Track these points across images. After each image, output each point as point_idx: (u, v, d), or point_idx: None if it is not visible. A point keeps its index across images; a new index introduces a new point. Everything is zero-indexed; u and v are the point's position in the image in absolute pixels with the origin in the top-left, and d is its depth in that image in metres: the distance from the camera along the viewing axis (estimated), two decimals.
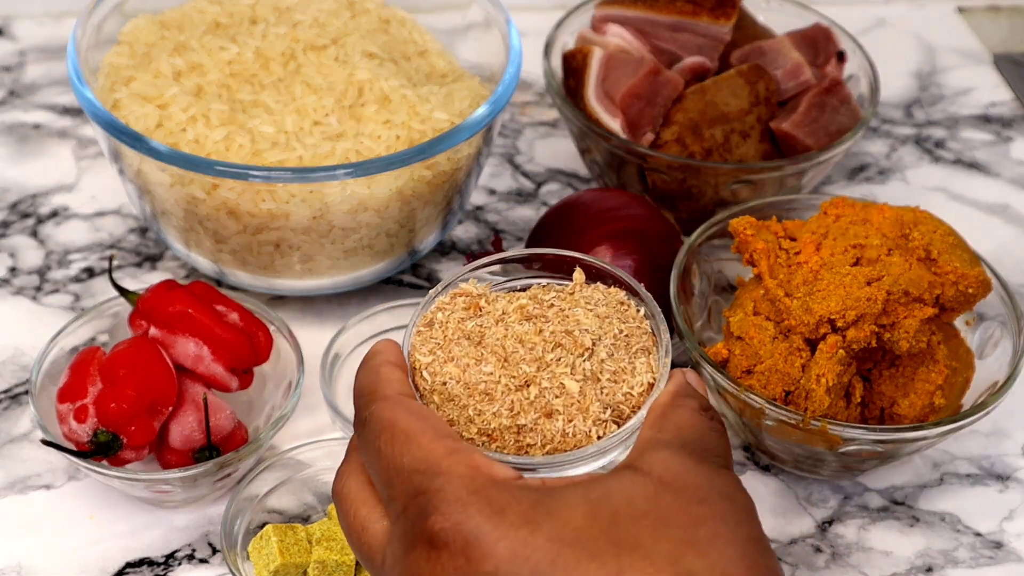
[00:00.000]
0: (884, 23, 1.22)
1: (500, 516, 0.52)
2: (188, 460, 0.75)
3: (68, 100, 1.06)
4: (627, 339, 0.61)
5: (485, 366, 0.59)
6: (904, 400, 0.76)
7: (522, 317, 0.61)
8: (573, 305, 0.61)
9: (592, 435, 0.58)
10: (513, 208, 0.99)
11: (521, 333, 0.60)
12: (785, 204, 0.85)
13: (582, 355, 0.60)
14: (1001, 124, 1.11)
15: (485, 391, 0.59)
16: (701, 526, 0.52)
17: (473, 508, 0.52)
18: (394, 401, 0.57)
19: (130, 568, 0.75)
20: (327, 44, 0.89)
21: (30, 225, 0.95)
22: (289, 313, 0.89)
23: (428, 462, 0.54)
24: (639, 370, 0.60)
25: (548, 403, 0.58)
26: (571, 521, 0.52)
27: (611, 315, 0.61)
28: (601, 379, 0.59)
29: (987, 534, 0.79)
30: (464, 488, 0.53)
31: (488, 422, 0.58)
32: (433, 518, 0.53)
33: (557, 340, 0.60)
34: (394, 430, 0.56)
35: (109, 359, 0.75)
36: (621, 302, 0.62)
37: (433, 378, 0.59)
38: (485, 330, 0.61)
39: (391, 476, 0.55)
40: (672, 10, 0.96)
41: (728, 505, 0.54)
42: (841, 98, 0.94)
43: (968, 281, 0.76)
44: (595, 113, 0.92)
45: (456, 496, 0.53)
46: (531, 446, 0.58)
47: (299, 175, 0.78)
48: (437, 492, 0.53)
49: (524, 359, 0.59)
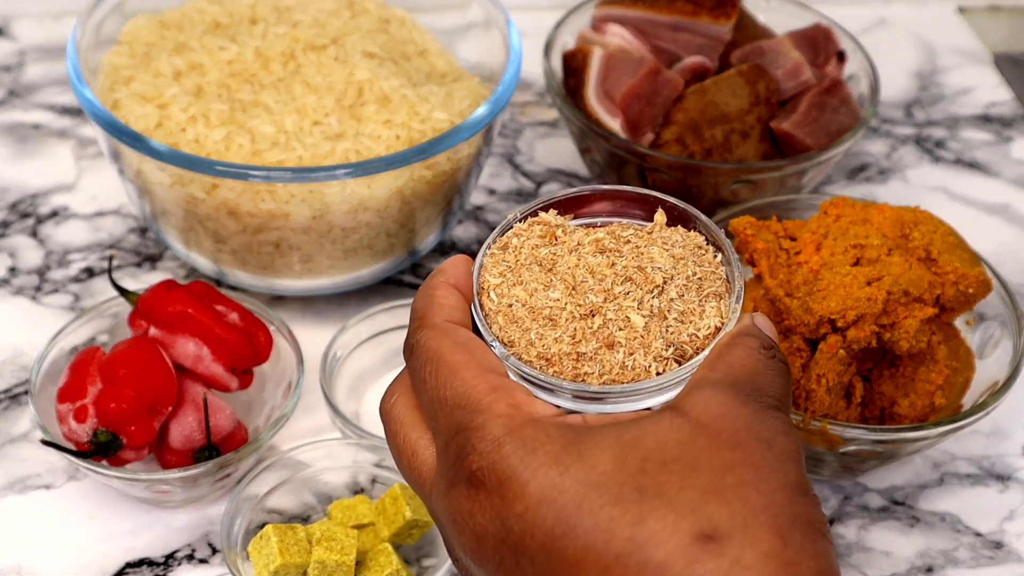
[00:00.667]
0: (884, 23, 1.22)
1: (532, 455, 0.52)
2: (188, 460, 0.75)
3: (68, 100, 1.06)
4: (700, 282, 0.60)
5: (552, 292, 0.59)
6: (904, 400, 0.76)
7: (596, 250, 0.60)
8: (650, 244, 0.61)
9: (652, 370, 0.57)
10: (513, 208, 0.99)
11: (593, 264, 0.59)
12: (785, 204, 0.85)
13: (651, 291, 0.59)
14: (1001, 124, 1.11)
15: (549, 316, 0.58)
16: (729, 473, 0.51)
17: (508, 448, 0.52)
18: (441, 330, 0.57)
19: (130, 568, 0.75)
20: (327, 44, 0.89)
21: (30, 225, 0.95)
22: (289, 313, 0.89)
23: (470, 397, 0.54)
24: (708, 313, 0.59)
25: (611, 334, 0.58)
26: (600, 464, 0.52)
27: (687, 257, 0.60)
28: (668, 318, 0.58)
29: (987, 534, 0.79)
30: (502, 426, 0.53)
31: (548, 347, 0.58)
32: (471, 457, 0.53)
33: (628, 274, 0.59)
34: (439, 361, 0.56)
35: (109, 359, 0.75)
36: (699, 246, 0.61)
37: (500, 299, 0.59)
38: (558, 258, 0.60)
39: (435, 408, 0.55)
40: (672, 10, 0.96)
41: (764, 450, 0.52)
42: (841, 98, 0.94)
43: (968, 281, 0.76)
44: (595, 113, 0.92)
45: (493, 435, 0.53)
46: (588, 375, 0.57)
47: (299, 175, 0.78)
48: (476, 430, 0.53)
49: (592, 289, 0.59)
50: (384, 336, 0.85)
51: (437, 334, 0.57)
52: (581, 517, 0.50)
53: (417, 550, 0.75)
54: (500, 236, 0.62)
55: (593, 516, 0.50)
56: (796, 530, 0.51)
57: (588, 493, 0.51)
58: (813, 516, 0.52)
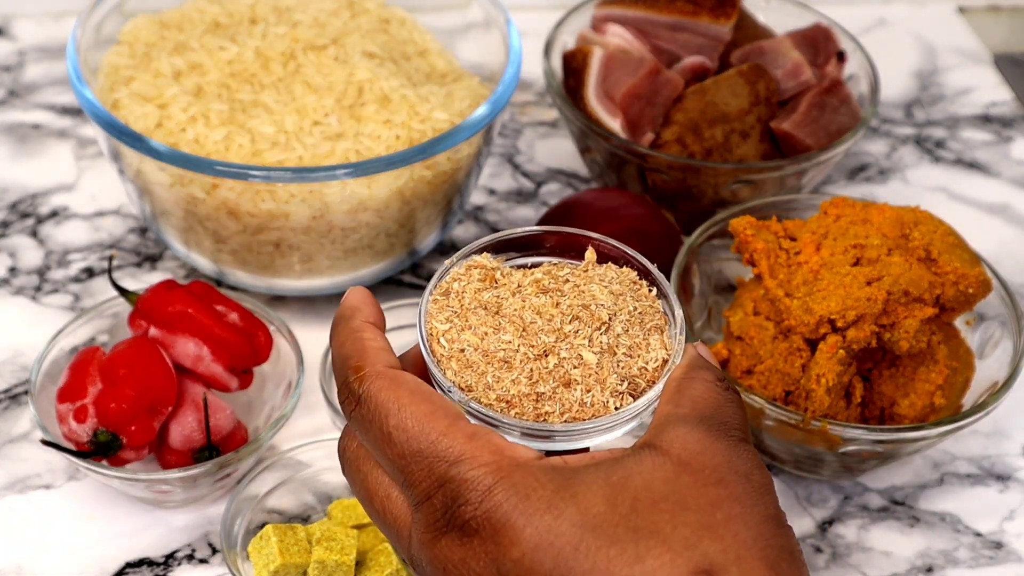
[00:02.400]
0: (884, 23, 1.22)
1: (526, 502, 0.53)
2: (188, 460, 0.75)
3: (68, 100, 1.06)
4: (641, 316, 0.62)
5: (503, 335, 0.60)
6: (904, 400, 0.76)
7: (538, 290, 0.62)
8: (588, 281, 0.62)
9: (609, 406, 0.59)
10: (513, 208, 0.99)
11: (539, 305, 0.61)
12: (785, 204, 0.85)
13: (599, 328, 0.60)
14: (1001, 124, 1.11)
15: (504, 359, 0.59)
16: (717, 509, 0.53)
17: (501, 495, 0.53)
18: (391, 378, 0.57)
19: (130, 568, 0.75)
20: (327, 44, 0.89)
21: (30, 225, 0.95)
22: (289, 313, 0.89)
23: (449, 448, 0.54)
24: (653, 346, 0.61)
25: (567, 372, 0.59)
26: (593, 506, 0.53)
27: (625, 292, 0.62)
28: (617, 353, 0.60)
29: (987, 534, 0.79)
30: (490, 474, 0.53)
31: (507, 389, 0.58)
32: (463, 508, 0.53)
33: (575, 313, 0.61)
34: (403, 412, 0.55)
35: (109, 359, 0.75)
36: (634, 281, 0.63)
37: (451, 344, 0.60)
38: (502, 301, 0.61)
39: (407, 462, 0.55)
40: (672, 10, 0.96)
41: (745, 484, 0.54)
42: (841, 98, 0.94)
43: (968, 281, 0.76)
44: (595, 113, 0.92)
45: (483, 484, 0.53)
46: (549, 414, 0.58)
47: (299, 175, 0.78)
48: (463, 481, 0.54)
49: (543, 329, 0.60)
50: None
51: (388, 384, 0.56)
52: (579, 559, 0.52)
53: None
54: (439, 282, 0.63)
55: (591, 558, 0.51)
56: (783, 560, 0.53)
57: (584, 535, 0.52)
58: (793, 546, 0.54)
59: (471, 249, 0.64)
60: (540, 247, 0.65)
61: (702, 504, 0.53)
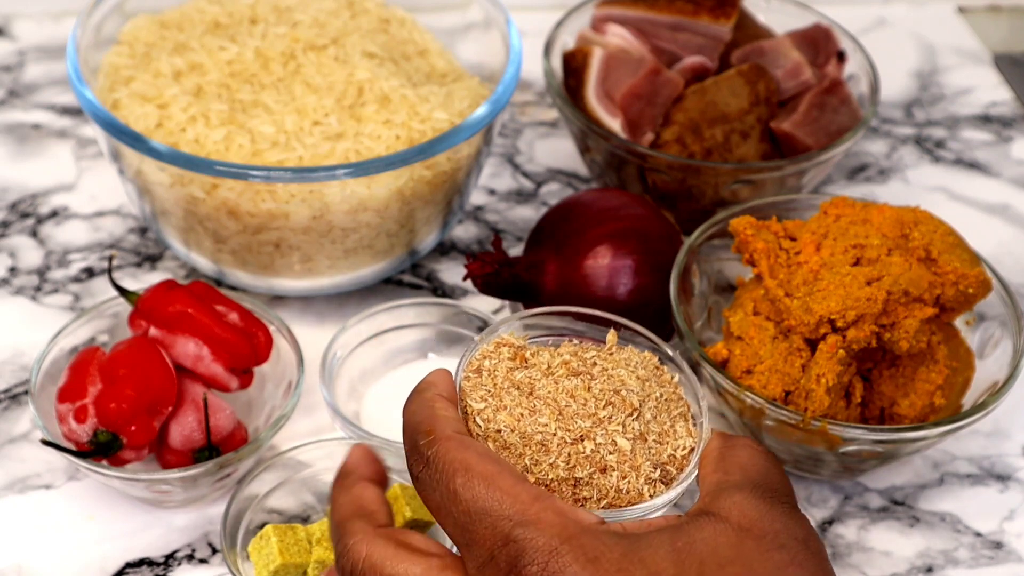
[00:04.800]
0: (884, 23, 1.22)
1: (595, 565, 0.53)
2: (188, 460, 0.75)
3: (68, 100, 1.06)
4: (667, 403, 0.63)
5: (540, 417, 0.60)
6: (904, 400, 0.76)
7: (569, 372, 0.62)
8: (615, 365, 0.63)
9: (644, 493, 0.59)
10: (513, 208, 0.99)
11: (571, 388, 0.61)
12: (785, 204, 0.85)
13: (631, 414, 0.61)
14: (1001, 124, 1.11)
15: (541, 442, 0.59)
16: (782, 572, 0.54)
17: (568, 557, 0.53)
18: (460, 441, 0.57)
19: (130, 568, 0.75)
20: (327, 44, 0.89)
21: (30, 225, 0.95)
22: (289, 313, 0.89)
23: (515, 507, 0.54)
24: (680, 433, 0.62)
25: (603, 458, 0.59)
26: (663, 571, 0.53)
27: (650, 378, 0.63)
28: (648, 440, 0.61)
29: (987, 534, 0.79)
30: (556, 536, 0.53)
31: (546, 472, 0.58)
32: (528, 568, 0.53)
33: (607, 398, 0.61)
34: (470, 472, 0.55)
35: (109, 359, 0.75)
36: (656, 367, 0.64)
37: (487, 424, 0.60)
38: (535, 382, 0.62)
39: (471, 520, 0.55)
40: (672, 10, 0.96)
41: (804, 550, 0.55)
42: (841, 98, 0.94)
43: (968, 281, 0.76)
44: (595, 113, 0.92)
45: (549, 545, 0.53)
46: (587, 499, 0.59)
47: (299, 175, 0.78)
48: (529, 541, 0.53)
49: (578, 414, 0.60)
50: (384, 336, 0.85)
51: (458, 444, 0.57)
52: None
53: None
54: (470, 359, 0.63)
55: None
56: None
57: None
58: None
59: (498, 325, 0.65)
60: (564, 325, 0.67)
61: (768, 568, 0.54)
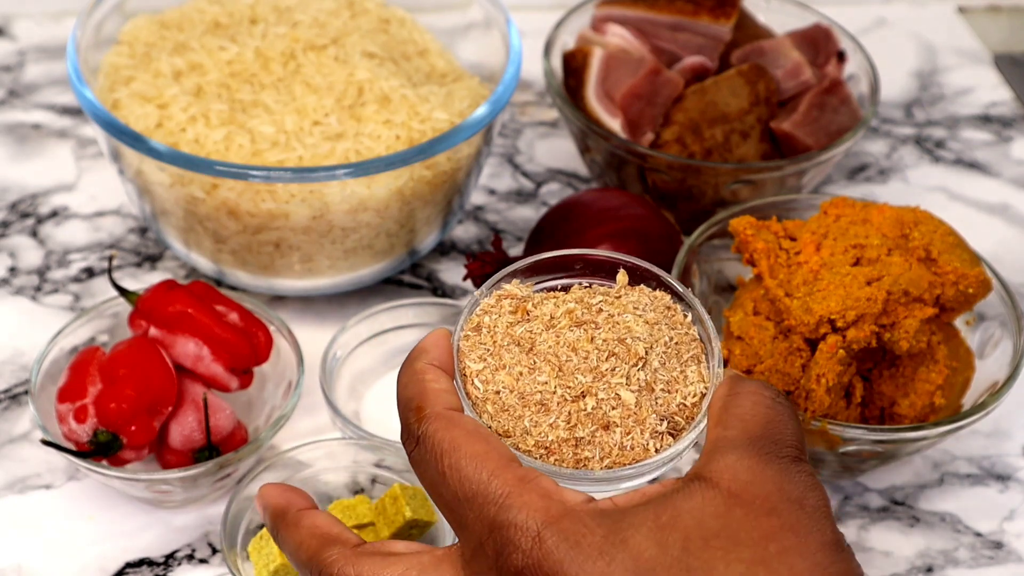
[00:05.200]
0: (884, 23, 1.22)
1: (577, 549, 0.52)
2: (188, 460, 0.75)
3: (68, 100, 1.06)
4: (677, 347, 0.59)
5: (539, 375, 0.58)
6: (904, 400, 0.76)
7: (572, 323, 0.59)
8: (622, 310, 0.60)
9: (650, 448, 0.57)
10: (513, 208, 0.99)
11: (573, 340, 0.59)
12: (785, 204, 0.85)
13: (636, 364, 0.58)
14: (1001, 124, 1.11)
15: (540, 402, 0.57)
16: (771, 541, 0.52)
17: (550, 542, 0.52)
18: (448, 419, 0.56)
19: (130, 568, 0.75)
20: (327, 44, 0.89)
21: (30, 225, 0.95)
22: (289, 313, 0.89)
23: (500, 492, 0.54)
24: (691, 379, 0.59)
25: (605, 415, 0.57)
26: (644, 551, 0.52)
27: (660, 321, 0.60)
28: (655, 389, 0.58)
29: (987, 534, 0.79)
30: (539, 520, 0.53)
31: (545, 434, 0.57)
32: (514, 555, 0.52)
33: (611, 349, 0.58)
34: (457, 454, 0.55)
35: (109, 359, 0.75)
36: (668, 307, 0.61)
37: (485, 386, 0.58)
38: (535, 336, 0.59)
39: (460, 504, 0.55)
40: (672, 10, 0.96)
41: (798, 511, 0.53)
42: (841, 98, 0.94)
43: (968, 281, 0.76)
44: (595, 113, 0.92)
45: (532, 530, 0.53)
46: (589, 459, 0.57)
47: (299, 175, 0.78)
48: (513, 527, 0.53)
49: (579, 368, 0.58)
50: (384, 336, 0.85)
51: (446, 424, 0.56)
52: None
53: None
54: (470, 315, 0.60)
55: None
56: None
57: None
58: (852, 569, 0.53)
59: (500, 277, 0.61)
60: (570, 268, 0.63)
61: (755, 538, 0.52)
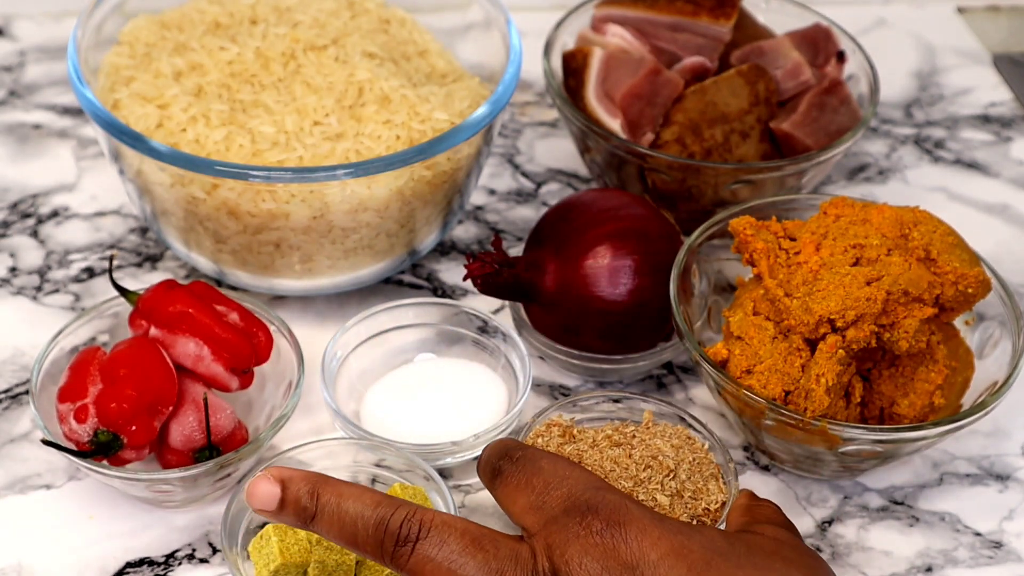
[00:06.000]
0: (884, 23, 1.22)
1: (661, 520, 0.61)
2: (188, 460, 0.75)
3: (68, 100, 1.06)
4: (700, 466, 0.74)
5: None
6: (904, 400, 0.76)
7: (611, 444, 0.74)
8: (652, 437, 0.75)
9: None
10: (513, 208, 0.99)
11: (614, 456, 0.73)
12: (785, 204, 0.85)
13: (667, 475, 0.72)
14: (1001, 124, 1.11)
15: None
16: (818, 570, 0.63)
17: (635, 511, 0.61)
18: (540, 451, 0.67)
19: (130, 568, 0.75)
20: (327, 44, 0.89)
21: (30, 225, 0.95)
22: (289, 313, 0.89)
23: (593, 481, 0.63)
24: (712, 491, 0.73)
25: None
26: (717, 541, 0.61)
27: (683, 446, 0.74)
28: (684, 496, 0.72)
29: (987, 534, 0.79)
30: (626, 499, 0.62)
31: None
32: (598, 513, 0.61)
33: (646, 463, 0.73)
34: (557, 458, 0.65)
35: (109, 359, 0.75)
36: (688, 437, 0.76)
37: None
38: (583, 453, 0.73)
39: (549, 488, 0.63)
40: (672, 10, 0.96)
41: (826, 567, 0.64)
42: (841, 98, 0.94)
43: (968, 281, 0.76)
44: (595, 113, 0.92)
45: (619, 502, 0.61)
46: None
47: (299, 175, 0.78)
48: (602, 498, 0.61)
49: (621, 477, 0.72)
50: (384, 336, 0.85)
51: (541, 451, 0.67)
52: (709, 572, 0.59)
53: None
54: (524, 438, 0.75)
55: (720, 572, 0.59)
56: None
57: (713, 557, 0.59)
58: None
59: (548, 408, 0.77)
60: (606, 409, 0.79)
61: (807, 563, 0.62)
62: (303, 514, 0.62)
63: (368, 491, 0.62)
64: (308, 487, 0.62)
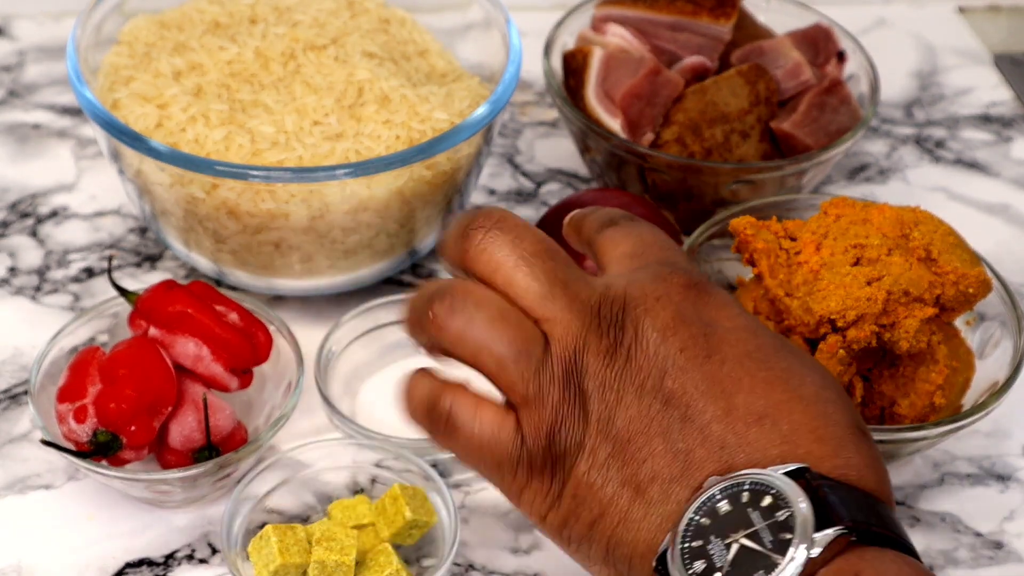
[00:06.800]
0: (884, 23, 1.22)
1: (742, 308, 0.61)
2: (188, 460, 0.75)
3: (68, 100, 1.06)
4: None
5: None
6: (904, 400, 0.76)
7: None
8: None
9: None
10: (513, 208, 0.99)
11: None
12: (785, 204, 0.85)
13: None
14: (1001, 124, 1.11)
15: None
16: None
17: (725, 294, 0.61)
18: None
19: (130, 568, 0.75)
20: (327, 44, 0.89)
21: (30, 225, 0.95)
22: (289, 313, 0.89)
23: (691, 264, 0.63)
24: None
25: None
26: (783, 339, 0.61)
27: None
28: None
29: (987, 534, 0.79)
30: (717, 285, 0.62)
31: None
32: (693, 275, 0.61)
33: None
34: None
35: (109, 359, 0.75)
36: None
37: None
38: None
39: (655, 246, 0.63)
40: (672, 10, 0.96)
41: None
42: (841, 98, 0.94)
43: (968, 281, 0.76)
44: (595, 113, 0.92)
45: (713, 283, 0.62)
46: None
47: (299, 175, 0.78)
48: (697, 271, 0.62)
49: None
50: (379, 331, 0.85)
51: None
52: (780, 359, 0.58)
53: (417, 550, 0.75)
54: None
55: (787, 359, 0.58)
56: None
57: (783, 344, 0.59)
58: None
59: None
60: None
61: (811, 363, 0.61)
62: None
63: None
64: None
